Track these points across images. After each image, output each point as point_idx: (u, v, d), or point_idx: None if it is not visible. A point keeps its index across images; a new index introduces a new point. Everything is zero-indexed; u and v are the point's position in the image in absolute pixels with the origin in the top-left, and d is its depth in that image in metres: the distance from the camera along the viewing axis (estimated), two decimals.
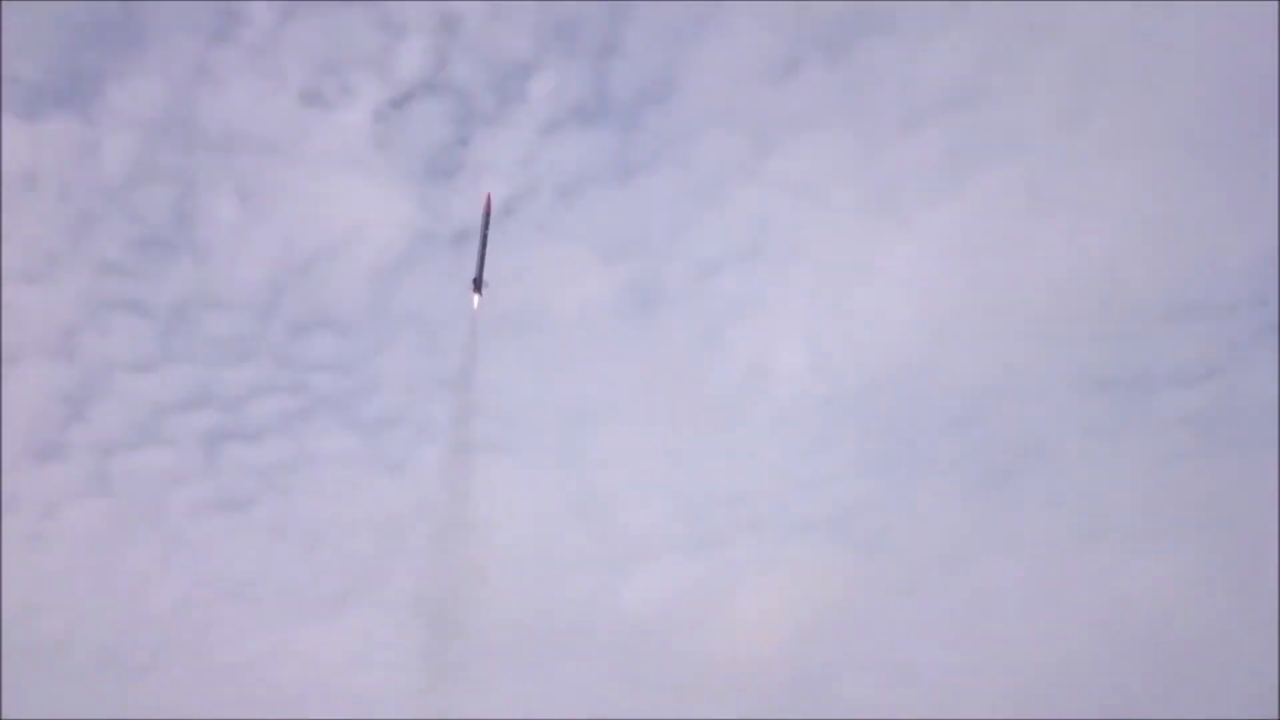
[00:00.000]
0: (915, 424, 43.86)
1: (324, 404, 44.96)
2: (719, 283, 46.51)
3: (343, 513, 42.51)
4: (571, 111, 46.09)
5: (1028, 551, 41.11)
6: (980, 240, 44.88)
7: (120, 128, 45.16)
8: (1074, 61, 44.03)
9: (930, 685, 39.01)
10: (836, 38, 45.30)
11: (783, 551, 42.35)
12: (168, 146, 45.40)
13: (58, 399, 43.86)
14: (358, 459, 43.98)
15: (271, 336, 45.13)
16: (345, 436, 44.71)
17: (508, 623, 35.28)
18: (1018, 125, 44.41)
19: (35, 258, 44.03)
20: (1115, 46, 43.08)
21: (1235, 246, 42.18)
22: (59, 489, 42.98)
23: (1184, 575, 38.73)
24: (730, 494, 43.53)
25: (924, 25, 44.99)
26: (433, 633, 33.73)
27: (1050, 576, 39.97)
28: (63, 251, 44.33)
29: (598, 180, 46.59)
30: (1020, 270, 44.42)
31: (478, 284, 32.75)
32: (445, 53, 45.60)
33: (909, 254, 44.68)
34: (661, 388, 43.28)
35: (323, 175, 45.85)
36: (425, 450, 41.05)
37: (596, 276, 45.74)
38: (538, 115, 45.67)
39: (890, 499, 42.96)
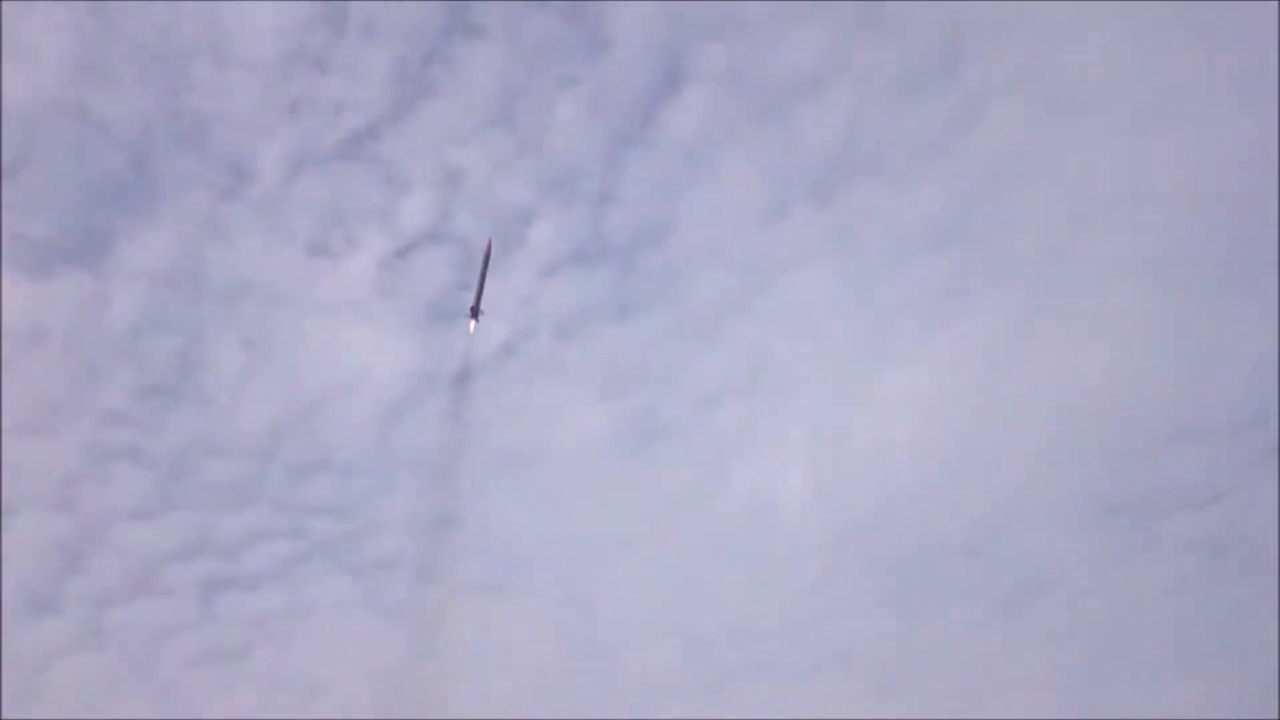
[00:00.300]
0: (922, 554, 43.21)
1: (322, 548, 44.47)
2: (718, 416, 46.80)
3: (339, 661, 41.59)
4: (570, 255, 47.55)
5: (1042, 685, 40.03)
6: (977, 369, 45.38)
7: (129, 281, 46.27)
8: (1059, 194, 45.43)
9: None
10: (824, 181, 47.01)
11: (795, 693, 41.23)
12: (175, 298, 46.47)
13: (54, 551, 43.30)
14: (355, 604, 43.24)
15: (272, 481, 45.11)
16: (343, 581, 44.01)
17: None
18: (1007, 257, 45.59)
19: (38, 410, 44.36)
20: (1100, 177, 44.53)
21: (1232, 368, 42.56)
22: (52, 643, 41.96)
23: (1199, 705, 37.66)
24: (739, 632, 42.71)
25: (909, 167, 46.84)
26: None
27: (1066, 710, 38.93)
28: (65, 402, 44.72)
29: (596, 319, 47.47)
30: (1019, 398, 44.73)
31: (474, 312, 37.11)
32: (448, 205, 47.46)
33: (907, 384, 45.06)
34: (664, 523, 43.16)
35: (326, 322, 46.88)
36: (425, 593, 40.43)
37: (596, 412, 46.23)
38: (537, 259, 47.20)
39: (900, 633, 42.08)
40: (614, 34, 45.89)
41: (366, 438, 45.83)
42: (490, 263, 36.90)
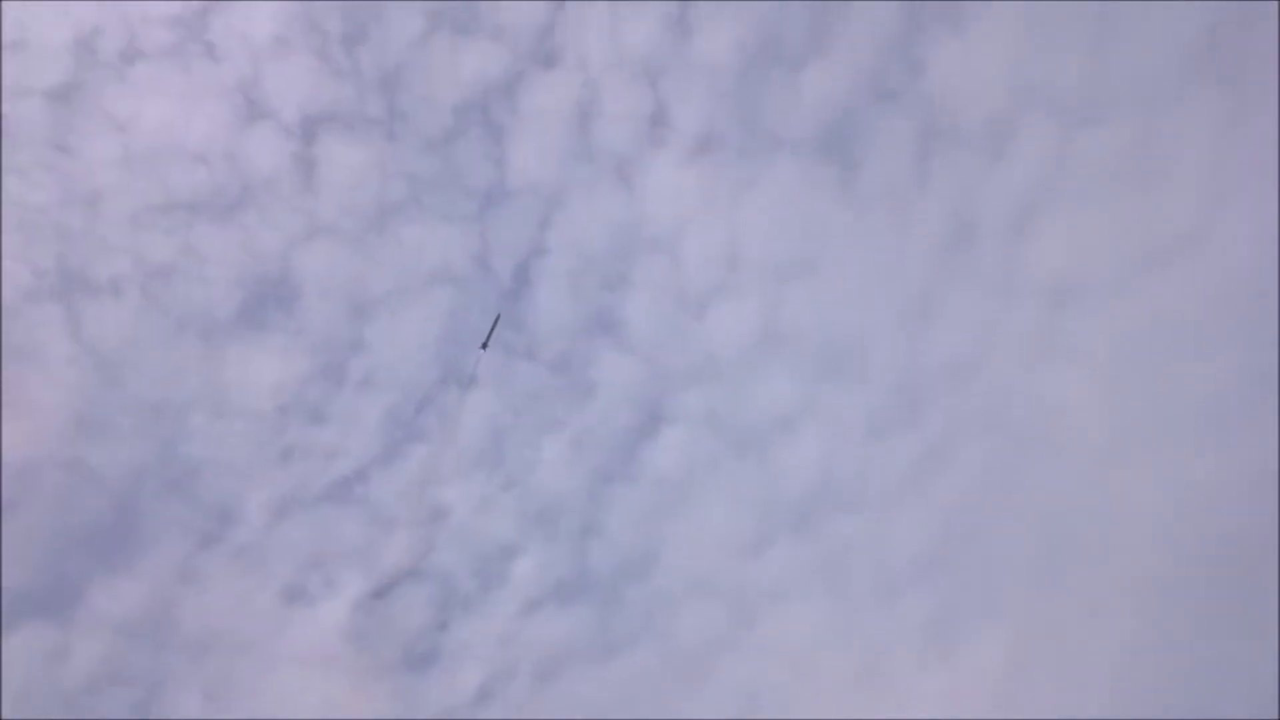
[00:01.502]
0: None
1: None
2: None
3: None
4: (552, 591, 46.22)
5: None
6: (975, 706, 42.97)
7: (94, 631, 44.37)
8: (1037, 526, 45.44)
9: None
10: (804, 515, 47.18)
11: None
12: (140, 648, 44.42)
13: None
14: None
15: None
16: None
17: None
18: (993, 589, 44.64)
19: None
20: (1075, 507, 44.72)
21: (1233, 688, 40.52)
22: None
23: None
24: None
25: (885, 503, 47.34)
26: None
27: None
28: None
29: (579, 658, 45.10)
30: None
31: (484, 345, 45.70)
32: (431, 541, 46.92)
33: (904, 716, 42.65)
34: None
35: (295, 673, 44.56)
36: None
37: None
38: (518, 596, 45.80)
39: None
40: (598, 380, 48.22)
41: None
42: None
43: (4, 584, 44.12)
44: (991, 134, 47.04)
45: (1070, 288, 46.66)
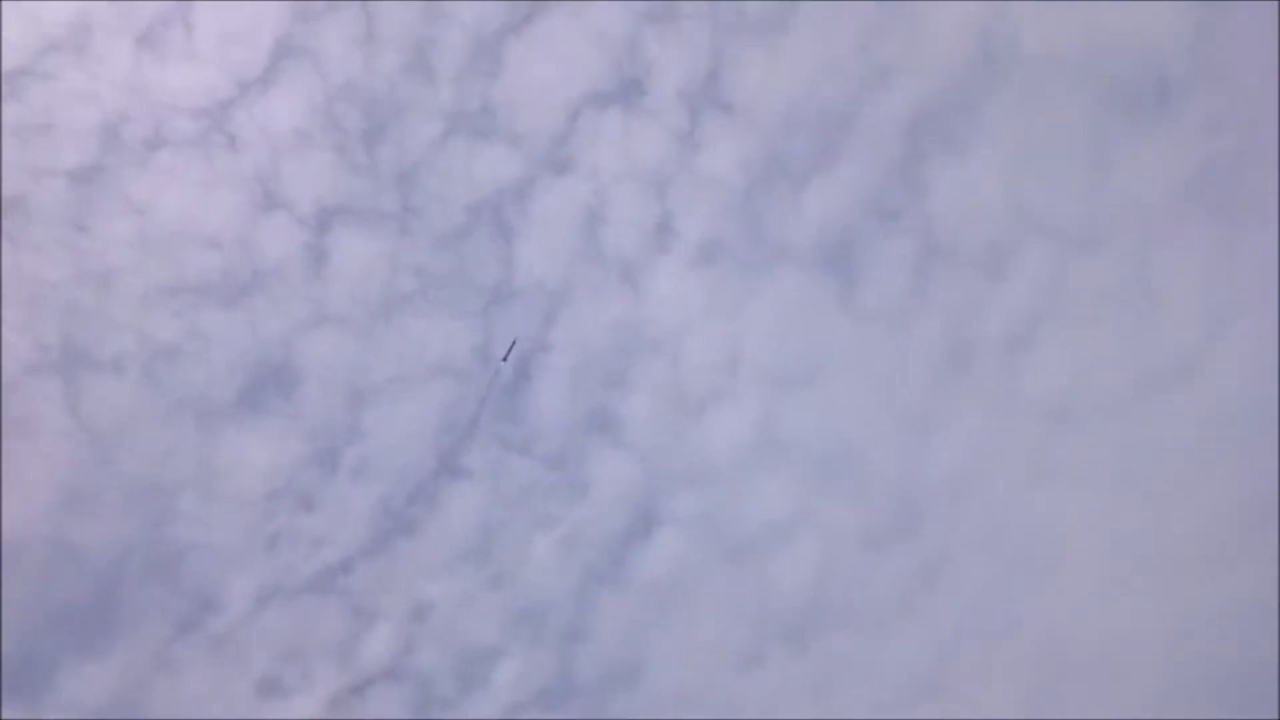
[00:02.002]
0: None
1: None
2: None
3: None
4: (534, 697, 44.58)
5: None
6: None
7: (61, 716, 43.18)
8: (1032, 650, 44.28)
9: None
10: (797, 628, 45.92)
11: None
12: None
13: None
14: None
15: None
16: None
17: None
18: (989, 711, 43.41)
19: None
20: (1073, 632, 43.73)
21: None
22: None
23: None
24: None
25: (880, 619, 46.22)
26: None
27: None
28: None
29: None
30: None
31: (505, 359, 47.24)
32: (412, 639, 45.58)
33: None
34: None
35: None
36: None
37: None
38: (499, 701, 44.23)
39: None
40: (592, 478, 47.50)
41: None
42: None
43: None
44: (991, 256, 47.62)
45: (1068, 409, 46.41)
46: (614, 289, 48.21)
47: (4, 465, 44.99)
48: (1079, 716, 42.15)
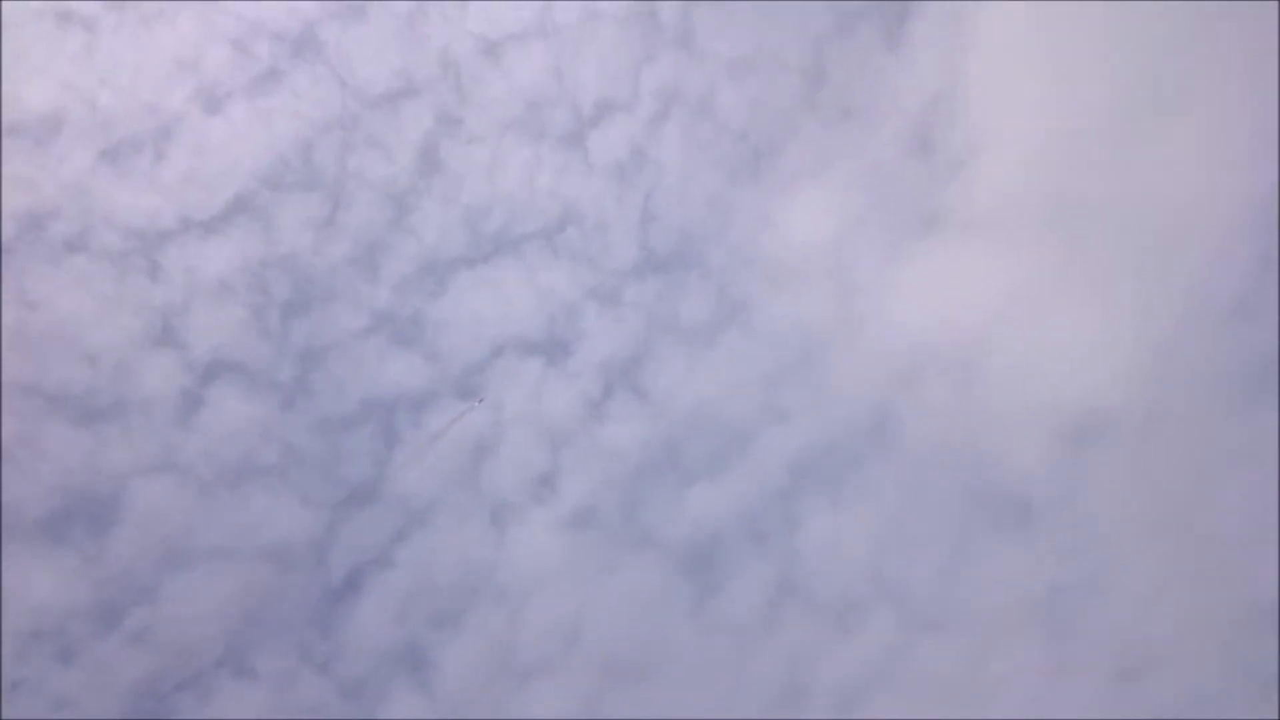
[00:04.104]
0: None
1: None
2: None
3: None
4: None
5: None
6: None
7: None
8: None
9: None
10: None
11: None
12: None
13: None
14: None
15: None
16: None
17: None
18: None
19: None
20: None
21: None
22: None
23: None
24: None
25: None
26: None
27: None
28: None
29: None
30: None
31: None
32: None
33: None
34: None
35: None
36: None
37: None
38: None
39: None
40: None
41: None
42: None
43: None
44: (842, 607, 47.25)
45: None
46: (478, 525, 46.11)
47: None
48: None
